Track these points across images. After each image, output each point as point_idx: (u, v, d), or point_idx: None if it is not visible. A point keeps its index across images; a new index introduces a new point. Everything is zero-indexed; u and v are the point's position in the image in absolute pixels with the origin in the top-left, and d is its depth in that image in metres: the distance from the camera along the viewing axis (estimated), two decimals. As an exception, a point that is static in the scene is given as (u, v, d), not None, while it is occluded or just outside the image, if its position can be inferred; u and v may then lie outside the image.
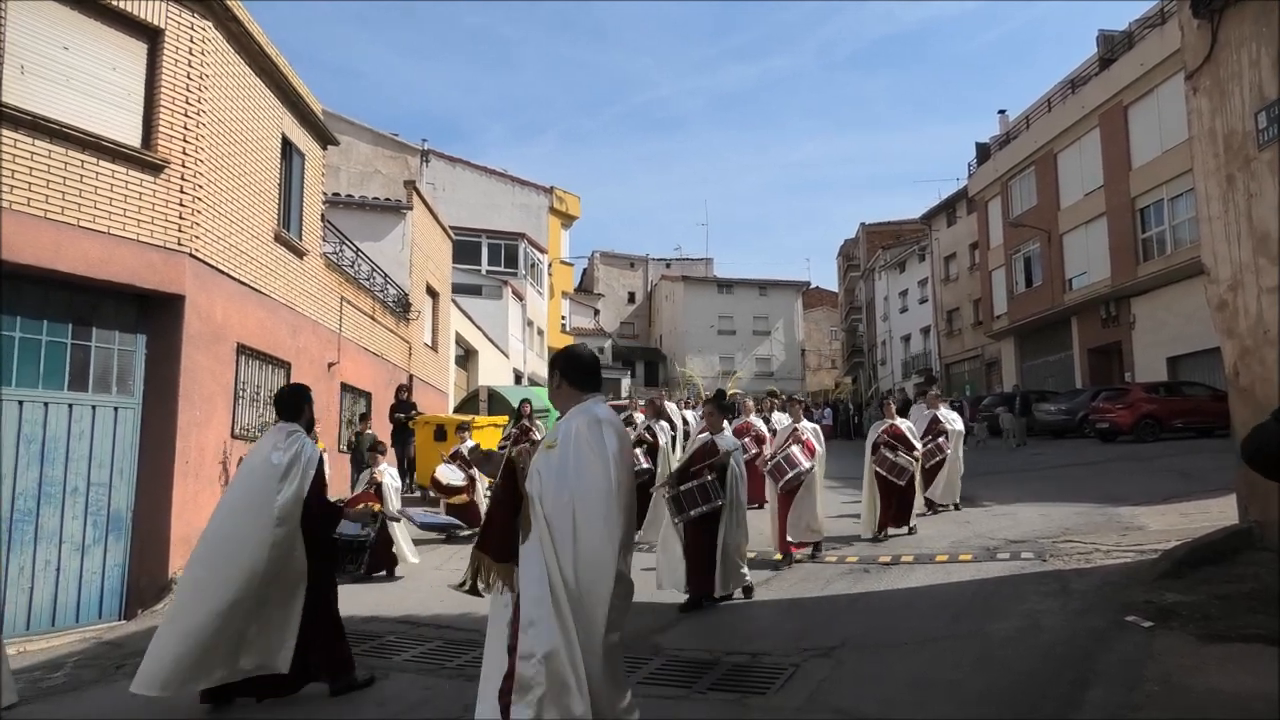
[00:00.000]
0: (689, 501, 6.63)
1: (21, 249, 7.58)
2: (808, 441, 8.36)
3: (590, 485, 3.00)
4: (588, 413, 3.18)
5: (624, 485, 3.09)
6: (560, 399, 3.36)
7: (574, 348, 3.49)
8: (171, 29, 9.08)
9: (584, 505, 2.97)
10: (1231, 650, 4.45)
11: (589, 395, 3.30)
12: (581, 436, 3.08)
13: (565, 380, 3.33)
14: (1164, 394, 20.25)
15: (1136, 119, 25.07)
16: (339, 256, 14.60)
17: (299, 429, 5.04)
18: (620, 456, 3.11)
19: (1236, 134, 6.63)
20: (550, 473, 3.05)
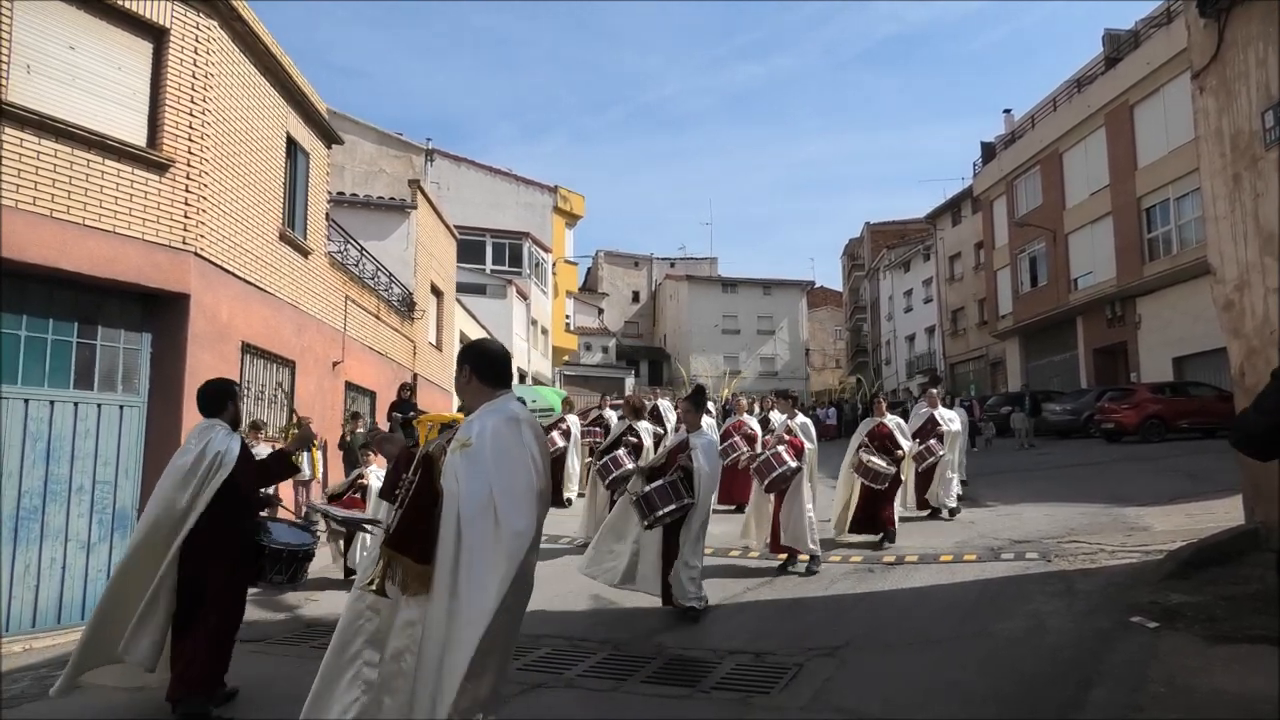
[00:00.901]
0: (654, 502, 6.13)
1: (27, 248, 7.61)
2: (794, 440, 7.92)
3: (514, 484, 2.84)
4: (503, 411, 3.01)
5: (545, 487, 2.93)
6: (469, 396, 3.18)
7: (483, 342, 3.31)
8: (177, 28, 9.10)
9: (507, 504, 2.80)
10: (1237, 651, 4.44)
11: (500, 392, 3.12)
12: (500, 434, 2.90)
13: (475, 376, 3.13)
14: (1170, 394, 20.20)
15: (1142, 118, 25.00)
16: (343, 255, 14.62)
17: (216, 424, 4.75)
18: (541, 457, 2.95)
19: (1243, 133, 6.61)
20: (466, 472, 2.86)
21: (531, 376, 31.61)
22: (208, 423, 4.77)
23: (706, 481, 6.31)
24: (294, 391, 11.95)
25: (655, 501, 6.12)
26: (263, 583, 5.05)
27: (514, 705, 4.62)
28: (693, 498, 6.18)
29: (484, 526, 2.78)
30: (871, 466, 8.62)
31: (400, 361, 17.07)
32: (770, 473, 7.59)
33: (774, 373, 52.26)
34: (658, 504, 6.11)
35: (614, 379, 44.90)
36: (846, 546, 8.74)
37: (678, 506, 6.13)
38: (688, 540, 6.20)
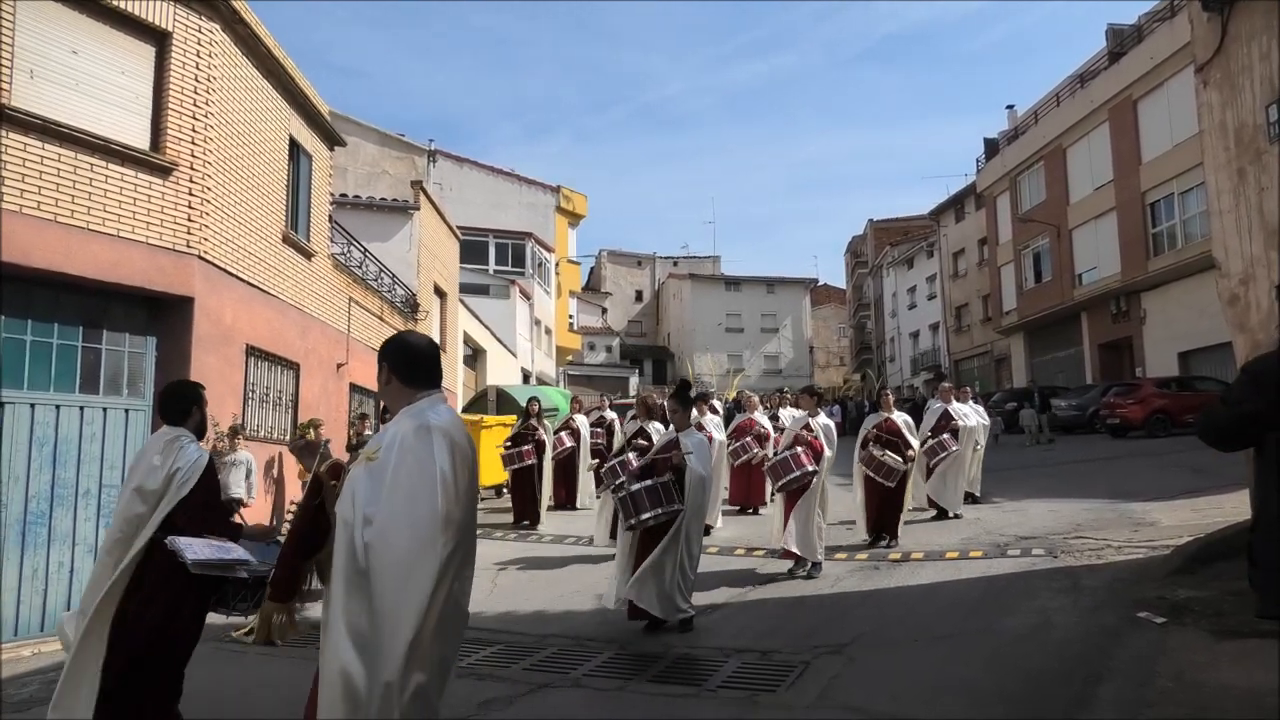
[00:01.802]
0: (640, 503, 5.76)
1: (32, 252, 7.63)
2: (814, 441, 7.53)
3: (410, 509, 2.39)
4: (417, 417, 2.56)
5: (457, 512, 2.44)
6: (389, 398, 2.76)
7: (406, 335, 2.89)
8: (179, 32, 9.11)
9: (399, 535, 2.37)
10: (1245, 646, 4.42)
11: (423, 394, 2.67)
12: (406, 446, 2.47)
13: (394, 375, 2.70)
14: (1175, 389, 20.14)
15: (1146, 113, 24.93)
16: (347, 257, 14.64)
17: (182, 435, 4.11)
18: (454, 474, 2.46)
19: (1247, 127, 6.58)
20: (365, 491, 2.45)
21: (535, 377, 31.62)
22: (171, 433, 4.12)
23: (698, 485, 5.87)
24: (299, 394, 11.98)
25: (643, 502, 5.74)
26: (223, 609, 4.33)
27: (520, 705, 4.63)
28: (682, 503, 5.77)
29: (380, 562, 2.36)
30: (886, 462, 8.31)
31: (404, 363, 17.06)
32: (786, 474, 7.31)
33: (778, 371, 52.23)
34: (645, 506, 5.73)
35: (618, 378, 44.92)
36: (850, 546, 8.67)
37: (664, 511, 5.73)
38: (674, 547, 5.75)
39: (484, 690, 4.85)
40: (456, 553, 2.45)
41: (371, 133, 30.44)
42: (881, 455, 8.37)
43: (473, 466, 2.59)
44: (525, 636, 5.98)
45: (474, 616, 6.61)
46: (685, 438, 6.09)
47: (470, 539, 2.58)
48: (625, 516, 5.83)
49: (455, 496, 2.44)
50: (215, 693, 5.47)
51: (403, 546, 2.36)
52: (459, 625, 2.57)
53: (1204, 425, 2.98)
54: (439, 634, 2.41)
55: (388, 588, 2.35)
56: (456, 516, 2.44)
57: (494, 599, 7.32)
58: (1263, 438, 2.79)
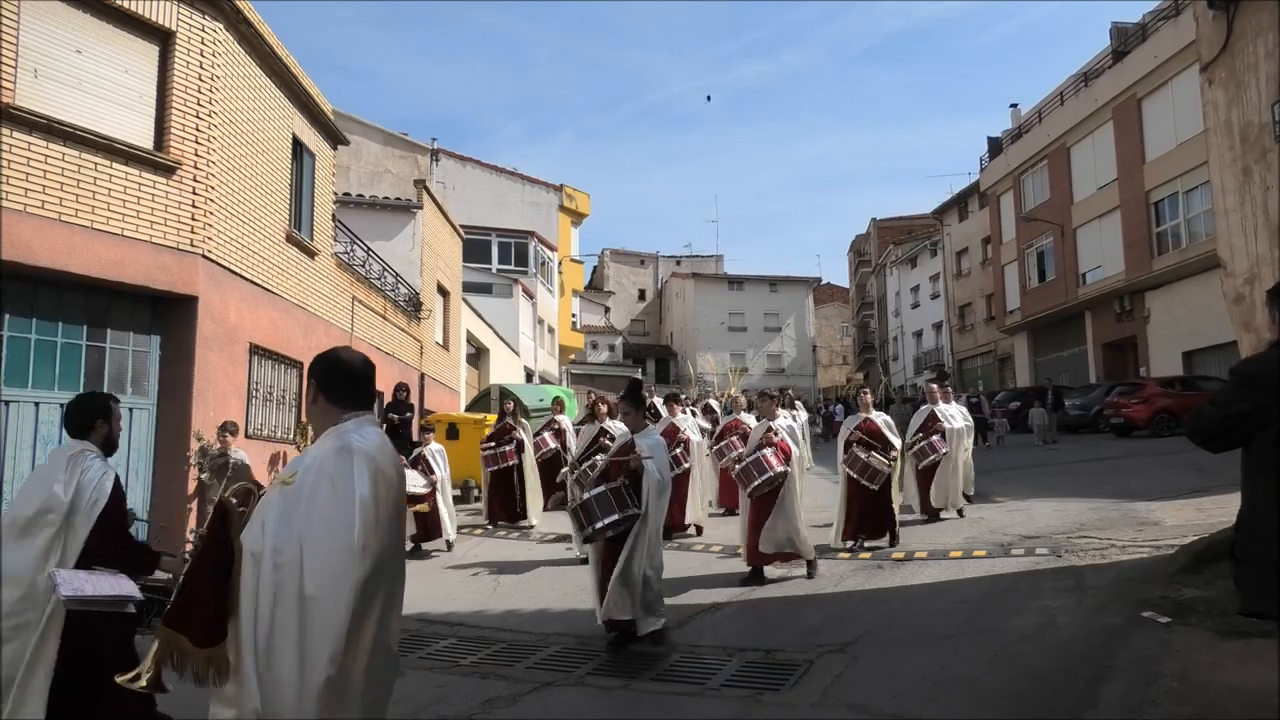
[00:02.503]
0: (593, 512, 5.42)
1: (36, 251, 7.64)
2: (781, 443, 7.40)
3: (325, 539, 2.19)
4: (340, 439, 2.37)
5: (376, 543, 2.24)
6: (314, 418, 2.57)
7: (339, 351, 2.67)
8: (183, 31, 9.13)
9: (312, 568, 2.17)
10: (1251, 646, 4.41)
11: (350, 414, 2.48)
12: (323, 471, 2.28)
13: (321, 393, 2.51)
14: (1179, 389, 20.09)
15: (1150, 112, 24.87)
16: (350, 256, 14.65)
17: (87, 451, 3.74)
18: (375, 501, 2.26)
19: (1253, 126, 6.56)
20: (277, 519, 2.25)
21: (539, 375, 31.63)
22: (75, 447, 3.76)
23: (656, 488, 5.52)
24: (302, 393, 11.99)
25: (594, 511, 5.41)
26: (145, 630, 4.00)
27: (524, 703, 4.63)
28: (639, 508, 5.44)
29: (290, 598, 2.17)
30: (871, 463, 8.14)
31: (407, 361, 17.10)
32: (758, 477, 7.10)
33: (781, 369, 52.24)
34: (597, 514, 5.39)
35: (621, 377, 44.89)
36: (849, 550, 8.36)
37: (621, 518, 5.38)
38: (636, 554, 5.42)
39: (487, 689, 4.85)
40: (377, 587, 2.25)
41: (375, 132, 30.45)
42: (867, 457, 8.19)
43: (398, 494, 2.41)
44: (528, 635, 5.99)
45: (477, 615, 6.66)
46: (641, 439, 5.78)
47: (396, 572, 2.39)
48: (578, 528, 5.52)
49: (375, 525, 2.24)
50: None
51: (315, 580, 2.16)
52: (388, 667, 2.38)
53: (1193, 426, 3.02)
54: (367, 677, 2.24)
55: (298, 626, 2.16)
56: (376, 547, 2.24)
57: (496, 598, 7.33)
58: (1251, 437, 2.80)
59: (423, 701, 4.74)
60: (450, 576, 8.33)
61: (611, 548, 5.50)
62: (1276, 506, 2.70)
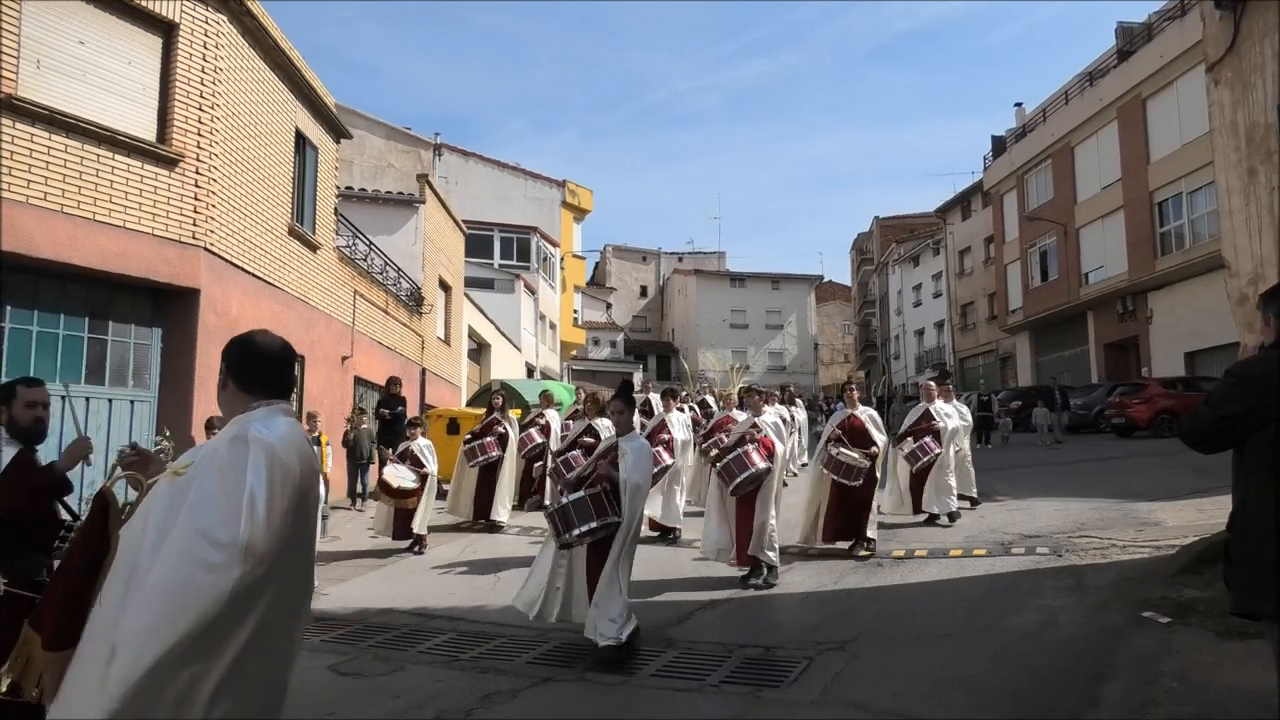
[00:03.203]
0: (570, 518, 5.20)
1: (39, 243, 7.64)
2: (764, 439, 7.15)
3: (203, 533, 1.93)
4: (239, 428, 2.14)
5: (263, 542, 1.96)
6: (223, 404, 2.35)
7: (254, 334, 2.45)
8: (186, 23, 9.11)
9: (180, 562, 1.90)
10: (1251, 646, 4.40)
11: (261, 402, 2.25)
12: (214, 461, 2.06)
13: (231, 378, 2.31)
14: (1182, 389, 20.05)
15: (1155, 112, 24.82)
16: (352, 250, 14.65)
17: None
18: (268, 497, 2.00)
19: (1259, 126, 6.54)
20: (162, 512, 2.01)
21: (540, 371, 31.63)
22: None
23: (634, 495, 5.29)
24: (303, 387, 11.99)
25: (572, 517, 5.21)
26: None
27: (524, 698, 4.63)
28: (619, 515, 5.24)
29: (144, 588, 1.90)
30: (843, 460, 7.79)
31: (409, 356, 17.10)
32: (739, 474, 6.85)
33: (782, 367, 52.24)
34: (575, 521, 5.19)
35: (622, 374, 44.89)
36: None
37: (600, 525, 5.19)
38: (610, 565, 5.21)
39: (487, 683, 4.85)
40: (258, 594, 1.96)
41: (377, 126, 30.42)
42: (837, 453, 7.86)
43: (302, 492, 2.13)
44: (528, 630, 5.98)
45: (476, 610, 6.66)
46: (625, 443, 5.53)
47: (293, 578, 2.10)
48: (555, 533, 5.30)
49: (265, 524, 1.97)
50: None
51: (176, 577, 1.88)
52: (271, 692, 2.05)
53: (1187, 427, 3.04)
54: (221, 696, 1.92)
55: (136, 617, 1.87)
56: (262, 548, 1.95)
57: (496, 593, 7.33)
58: (1245, 439, 2.82)
59: (422, 696, 4.74)
60: (450, 572, 8.34)
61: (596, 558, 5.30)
62: (1271, 507, 2.70)
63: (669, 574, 7.66)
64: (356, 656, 5.64)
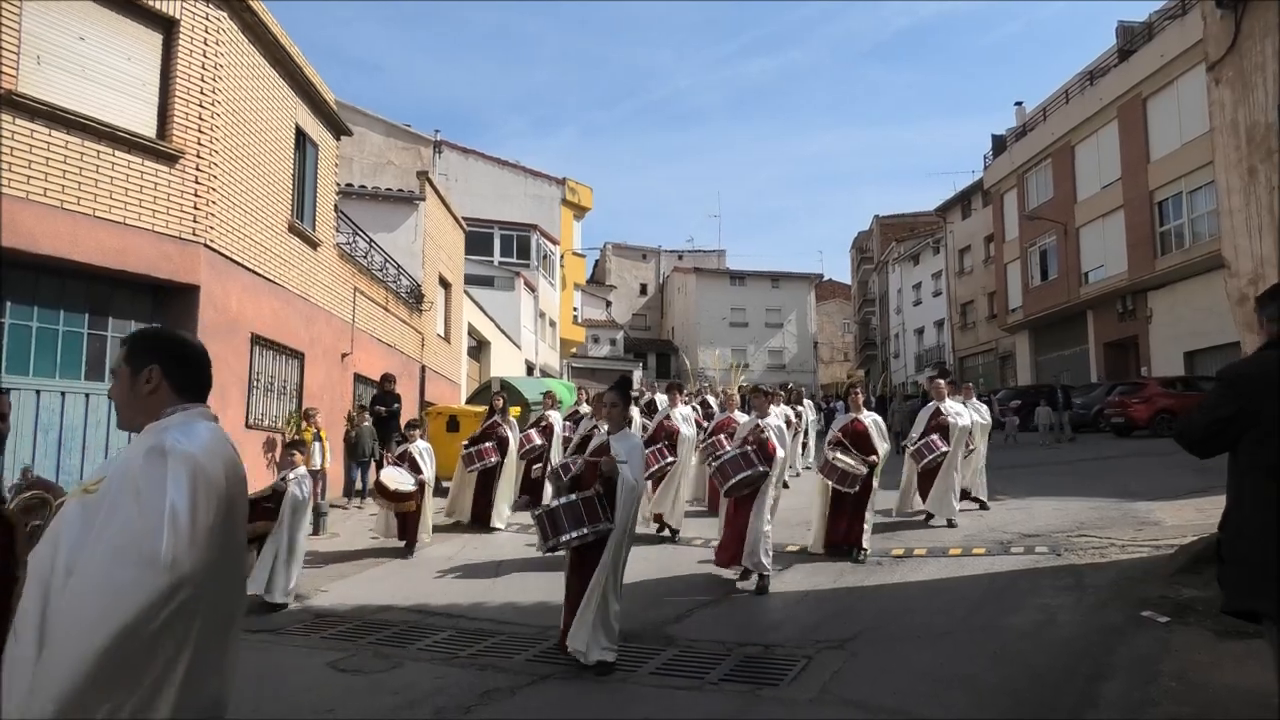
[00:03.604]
0: (560, 523, 4.92)
1: (38, 239, 7.63)
2: (768, 442, 6.93)
3: (120, 552, 1.75)
4: (156, 436, 1.94)
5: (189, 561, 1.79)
6: (134, 406, 2.08)
7: (175, 331, 2.31)
8: (186, 19, 9.10)
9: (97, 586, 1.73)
10: (1250, 646, 4.40)
11: (178, 407, 2.06)
12: (129, 476, 1.85)
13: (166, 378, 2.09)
14: (1181, 389, 20.06)
15: (1155, 111, 24.81)
16: (352, 247, 14.64)
17: None
18: (191, 511, 1.82)
19: (1259, 126, 6.53)
20: (74, 534, 1.82)
21: (539, 369, 31.63)
22: None
23: (628, 497, 4.97)
24: (303, 383, 11.99)
25: (562, 522, 4.92)
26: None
27: (522, 695, 4.64)
28: (612, 520, 4.92)
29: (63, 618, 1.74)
30: (839, 465, 7.61)
31: (408, 353, 17.10)
32: (735, 474, 6.66)
33: (782, 365, 52.23)
34: (565, 526, 4.90)
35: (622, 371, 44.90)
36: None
37: (590, 531, 4.88)
38: (602, 574, 4.88)
39: (486, 680, 4.85)
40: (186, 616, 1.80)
41: (378, 123, 30.40)
42: (834, 459, 7.68)
43: (229, 503, 1.96)
44: (527, 628, 5.99)
45: (476, 608, 6.67)
46: (618, 442, 5.18)
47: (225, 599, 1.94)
48: (542, 538, 5.00)
49: (190, 540, 1.80)
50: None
51: (93, 605, 1.71)
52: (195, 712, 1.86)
53: (1181, 429, 3.04)
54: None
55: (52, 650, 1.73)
56: (188, 567, 1.78)
57: (495, 591, 7.34)
58: (1237, 441, 2.84)
59: (421, 693, 4.74)
60: (449, 570, 8.34)
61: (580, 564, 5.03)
62: (1263, 507, 2.72)
63: (668, 572, 7.67)
64: (355, 653, 5.65)
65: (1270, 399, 2.75)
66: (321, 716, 4.54)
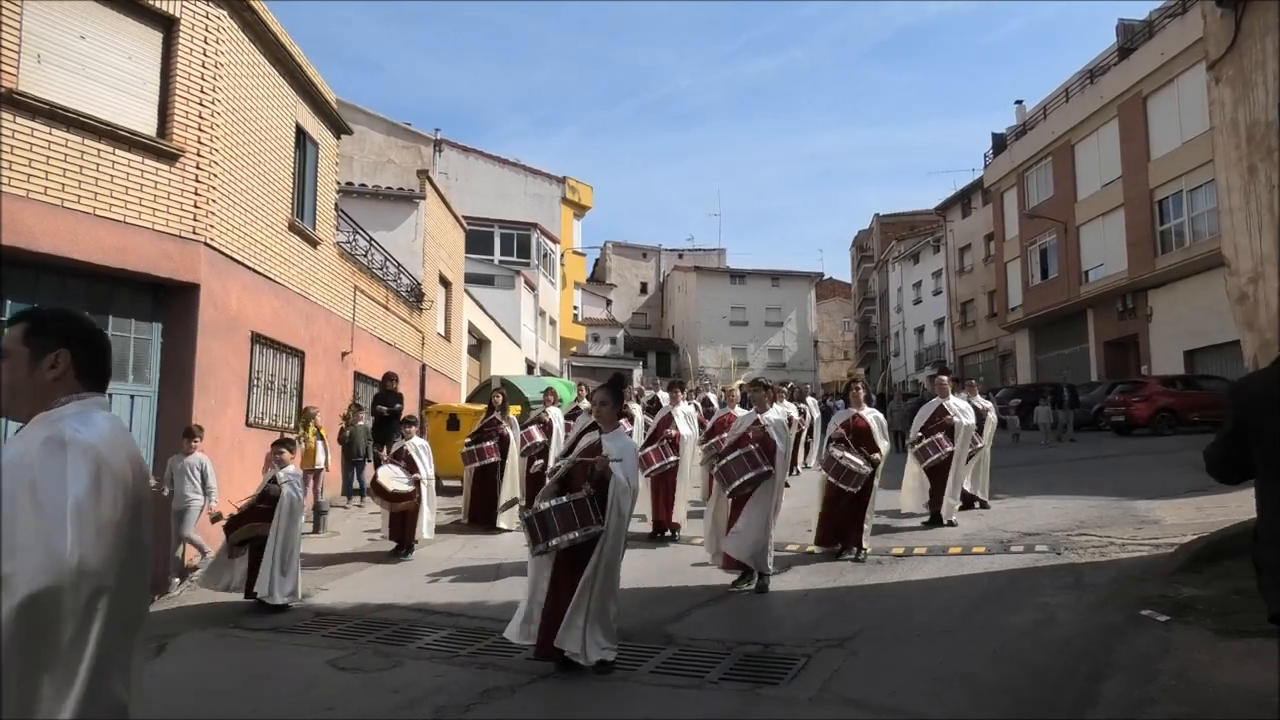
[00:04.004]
0: (550, 526, 4.75)
1: (39, 237, 7.64)
2: (767, 438, 6.75)
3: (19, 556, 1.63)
4: (50, 426, 1.81)
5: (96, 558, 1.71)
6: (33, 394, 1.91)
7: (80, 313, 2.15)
8: (186, 17, 9.10)
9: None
10: (1250, 645, 4.41)
11: (74, 396, 1.92)
12: (25, 469, 1.72)
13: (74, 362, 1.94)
14: (1181, 387, 20.07)
15: (1156, 110, 24.80)
16: (352, 246, 14.64)
17: None
18: (96, 504, 1.74)
19: (1259, 124, 6.53)
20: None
21: (540, 368, 31.63)
22: None
23: (623, 499, 4.87)
24: (303, 382, 11.99)
25: (552, 525, 4.76)
26: None
27: (522, 694, 4.64)
28: (603, 523, 4.79)
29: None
30: (845, 464, 7.42)
31: (409, 352, 17.10)
32: (739, 476, 6.49)
33: (782, 364, 52.23)
34: (555, 529, 4.75)
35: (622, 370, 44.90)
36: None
37: (581, 534, 4.74)
38: (596, 578, 4.77)
39: (486, 679, 4.86)
40: (89, 618, 1.70)
41: (378, 121, 30.40)
42: (840, 457, 7.50)
43: (135, 499, 1.85)
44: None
45: (475, 606, 6.67)
46: (610, 441, 5.07)
47: (130, 599, 1.83)
48: (531, 540, 4.82)
49: (95, 537, 1.71)
50: (221, 679, 5.51)
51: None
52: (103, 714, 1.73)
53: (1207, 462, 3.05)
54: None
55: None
56: (95, 564, 1.70)
57: (495, 590, 7.35)
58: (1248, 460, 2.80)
59: (421, 691, 4.75)
60: (449, 569, 8.35)
61: (568, 565, 4.88)
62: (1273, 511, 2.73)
63: (668, 570, 7.68)
64: (356, 652, 5.65)
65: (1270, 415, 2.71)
66: (321, 715, 4.55)
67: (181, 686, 5.14)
